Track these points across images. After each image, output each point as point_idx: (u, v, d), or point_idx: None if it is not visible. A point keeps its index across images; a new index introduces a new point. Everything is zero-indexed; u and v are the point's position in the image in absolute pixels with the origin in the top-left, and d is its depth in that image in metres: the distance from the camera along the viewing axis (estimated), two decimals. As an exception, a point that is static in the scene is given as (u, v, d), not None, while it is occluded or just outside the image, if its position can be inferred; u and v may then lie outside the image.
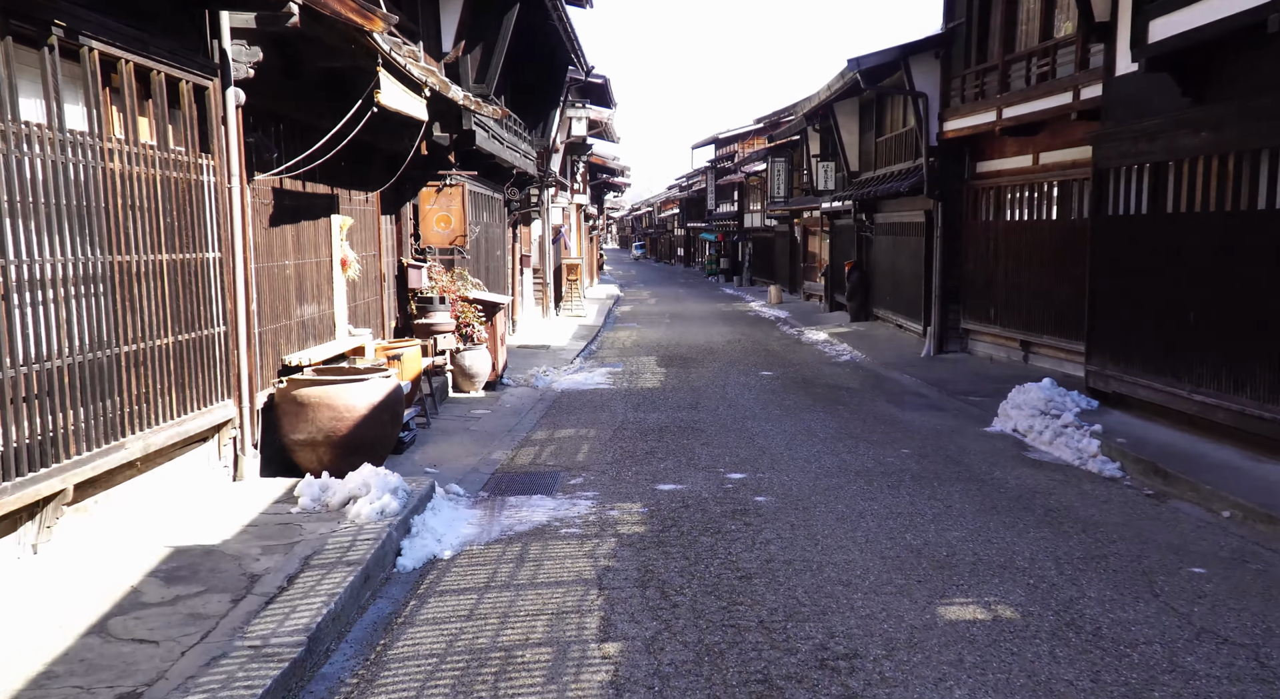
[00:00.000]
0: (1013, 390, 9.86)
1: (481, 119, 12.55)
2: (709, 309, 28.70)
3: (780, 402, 11.72)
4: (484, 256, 15.26)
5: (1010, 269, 13.99)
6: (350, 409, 6.67)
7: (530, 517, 6.46)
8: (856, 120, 21.66)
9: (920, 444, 9.01)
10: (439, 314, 11.52)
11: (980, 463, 8.17)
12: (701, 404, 11.54)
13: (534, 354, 16.15)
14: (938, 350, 15.73)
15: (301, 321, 7.67)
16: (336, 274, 8.51)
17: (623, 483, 7.50)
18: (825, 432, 9.67)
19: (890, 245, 20.15)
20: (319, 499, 5.75)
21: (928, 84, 15.14)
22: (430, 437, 9.22)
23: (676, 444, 9.03)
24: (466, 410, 10.86)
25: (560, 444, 9.09)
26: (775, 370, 14.85)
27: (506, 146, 15.04)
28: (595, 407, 11.37)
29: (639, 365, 15.46)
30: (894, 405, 11.48)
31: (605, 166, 36.29)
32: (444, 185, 11.89)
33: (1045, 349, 13.15)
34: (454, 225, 11.99)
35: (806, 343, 19.31)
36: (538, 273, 23.32)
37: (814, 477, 7.66)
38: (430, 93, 8.55)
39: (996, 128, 13.19)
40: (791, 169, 32.59)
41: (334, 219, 8.47)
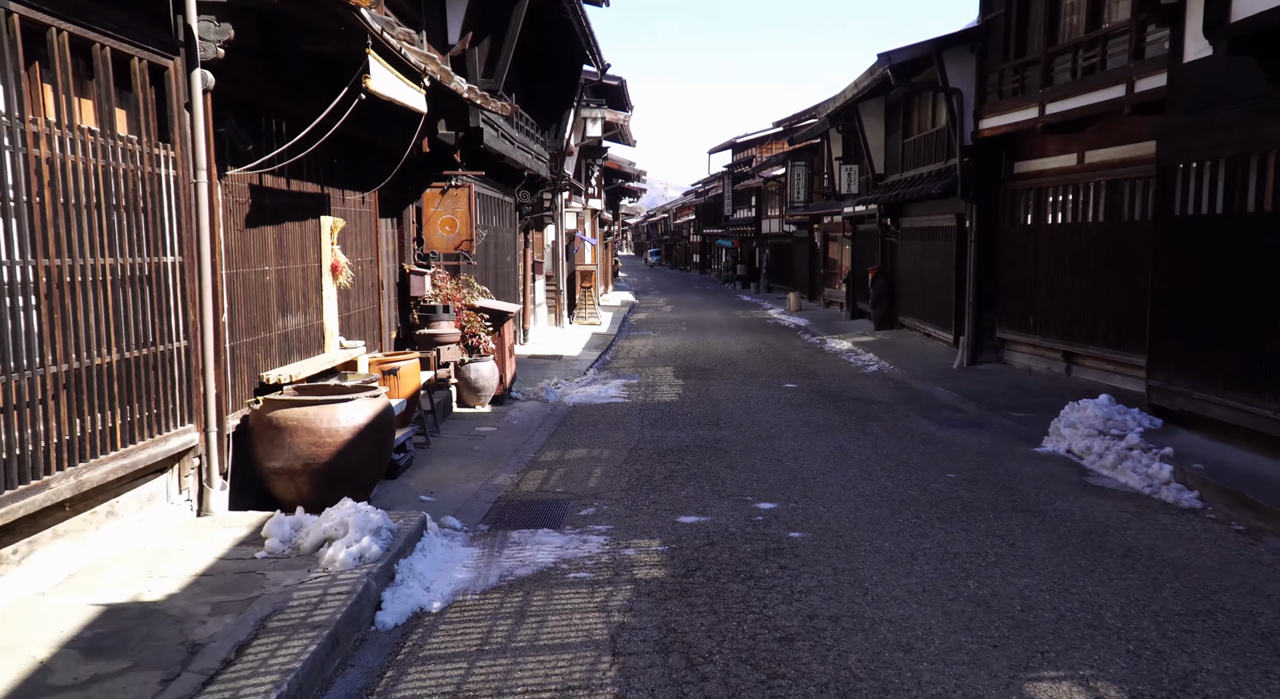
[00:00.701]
0: (1065, 407, 9.01)
1: (489, 116, 11.82)
2: (726, 317, 27.90)
3: (807, 418, 10.90)
4: (493, 263, 14.51)
5: (1051, 275, 13.12)
6: (332, 433, 5.90)
7: (534, 557, 5.67)
8: (882, 121, 20.83)
9: (966, 467, 8.18)
10: (443, 324, 10.77)
11: (1037, 490, 7.33)
12: (723, 420, 10.74)
13: (545, 365, 15.39)
14: (971, 361, 14.86)
15: (284, 334, 6.93)
16: (326, 281, 7.76)
17: (639, 514, 6.70)
18: (860, 452, 8.85)
19: (917, 250, 19.29)
20: (289, 541, 4.99)
21: (962, 80, 14.30)
22: (429, 458, 8.46)
23: (698, 467, 8.23)
24: (471, 428, 10.10)
25: (570, 467, 8.30)
26: (799, 382, 14.03)
27: (517, 147, 14.30)
28: (609, 423, 10.59)
29: (655, 377, 14.67)
30: (930, 421, 10.64)
31: (621, 171, 35.55)
32: (449, 187, 11.15)
33: (1091, 361, 12.28)
34: (459, 229, 11.24)
35: (830, 352, 18.48)
36: (550, 280, 22.58)
37: (853, 507, 6.84)
38: (430, 83, 7.80)
39: (1039, 125, 12.35)
40: (812, 173, 31.77)
41: (324, 221, 7.73)
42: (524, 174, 15.29)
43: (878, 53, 14.09)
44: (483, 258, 13.77)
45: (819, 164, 31.43)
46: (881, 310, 21.42)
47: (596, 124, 20.55)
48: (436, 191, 11.18)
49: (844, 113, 21.23)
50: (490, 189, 14.22)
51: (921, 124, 18.44)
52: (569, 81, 17.52)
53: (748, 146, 45.13)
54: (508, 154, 13.24)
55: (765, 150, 42.93)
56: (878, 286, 21.45)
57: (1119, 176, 11.54)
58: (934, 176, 16.53)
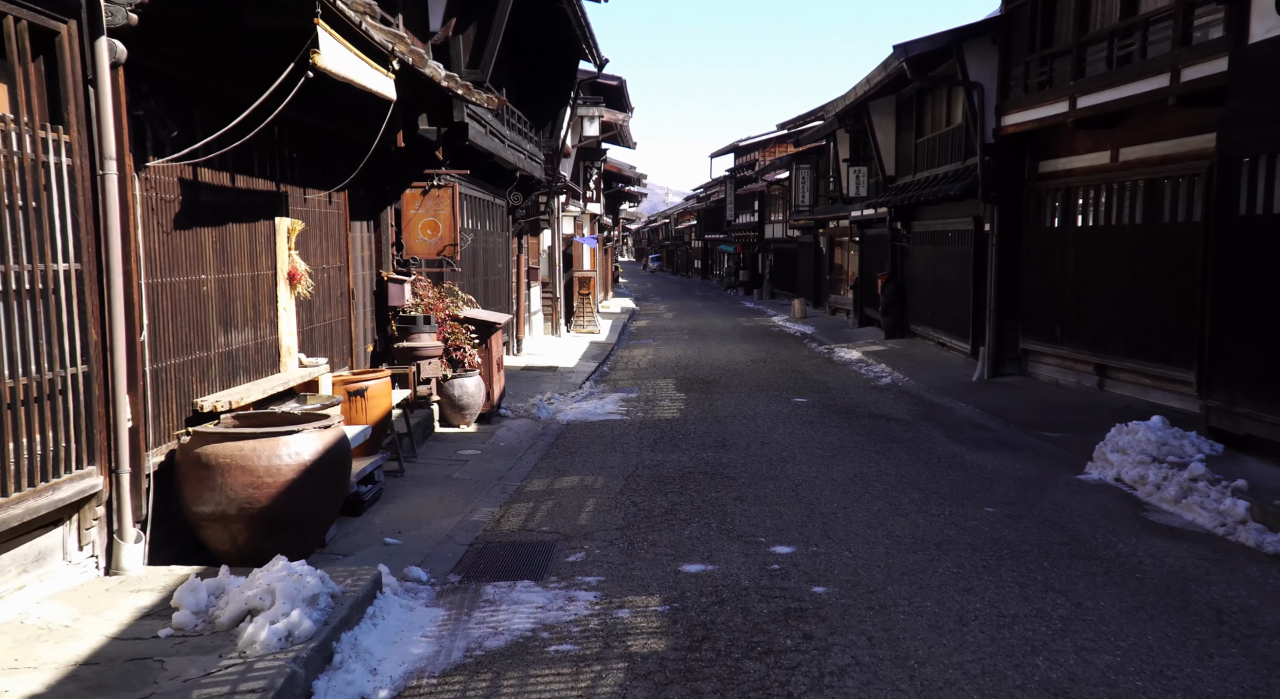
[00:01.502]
0: (1112, 430, 8.08)
1: (476, 110, 10.92)
2: (729, 324, 26.99)
3: (821, 437, 9.98)
4: (481, 269, 13.60)
5: (1082, 282, 12.20)
6: (273, 472, 4.99)
7: (510, 621, 4.75)
8: (893, 120, 19.93)
9: (1004, 498, 7.26)
10: (424, 336, 9.87)
11: (1092, 529, 6.40)
12: (729, 441, 9.82)
13: (539, 378, 14.47)
14: (992, 373, 13.93)
15: (227, 352, 6.01)
16: (282, 291, 6.85)
17: (636, 560, 5.78)
18: (883, 480, 7.93)
19: (931, 256, 18.37)
20: (205, 612, 4.07)
21: (983, 73, 13.40)
22: (402, 489, 7.54)
23: (703, 499, 7.31)
24: (453, 451, 9.18)
25: (559, 499, 7.38)
26: (809, 396, 13.11)
27: (508, 146, 13.40)
28: (605, 444, 9.67)
29: (656, 390, 13.76)
30: (956, 442, 9.72)
31: (620, 174, 34.65)
32: (431, 187, 10.25)
33: (1127, 375, 11.35)
34: (442, 233, 10.34)
35: (839, 363, 17.56)
36: (547, 287, 21.68)
37: (883, 551, 5.92)
38: (400, 66, 6.90)
39: (1069, 120, 11.44)
40: (817, 176, 30.88)
41: (280, 223, 6.83)
42: (516, 175, 14.39)
43: (893, 44, 13.21)
44: (469, 264, 12.86)
45: (824, 167, 30.55)
46: (892, 318, 20.50)
47: (594, 123, 19.64)
48: (417, 192, 10.28)
49: (853, 112, 20.34)
50: (479, 190, 13.33)
51: (935, 122, 17.54)
52: (564, 78, 16.63)
53: (750, 150, 44.25)
54: (497, 152, 12.34)
55: (768, 154, 42.04)
56: (888, 293, 20.53)
57: (1159, 174, 10.63)
58: (951, 177, 15.62)
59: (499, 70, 14.09)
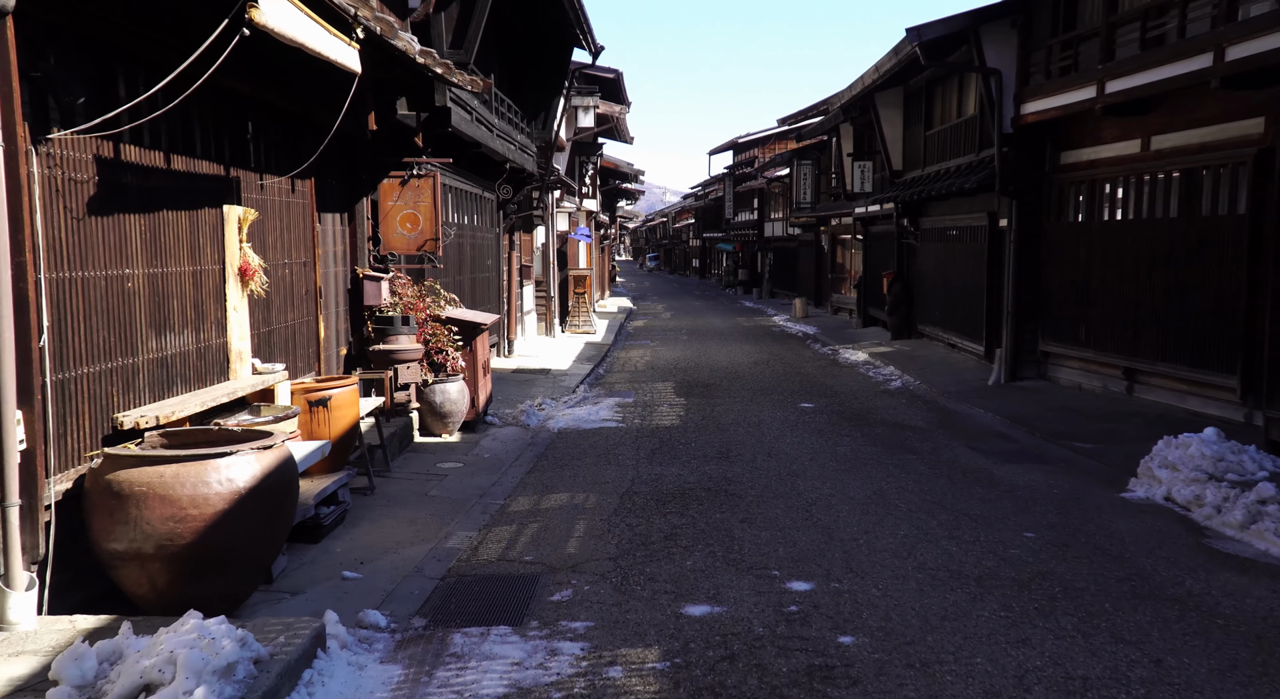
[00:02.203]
0: (1159, 443, 7.30)
1: (459, 95, 10.12)
2: (729, 324, 26.21)
3: (833, 448, 9.20)
4: (468, 266, 12.81)
5: (1108, 280, 11.42)
6: (199, 502, 4.19)
7: (479, 684, 3.95)
8: (901, 112, 19.15)
9: (1044, 521, 6.48)
10: (402, 338, 9.07)
11: (1152, 560, 5.62)
12: (734, 452, 9.04)
13: (530, 381, 13.68)
14: (1010, 377, 13.16)
15: (160, 359, 5.21)
16: (231, 289, 6.05)
17: (631, 599, 4.99)
18: (906, 499, 7.14)
19: (940, 253, 17.60)
20: (90, 685, 3.27)
21: (1002, 59, 12.62)
22: (370, 509, 6.74)
23: (707, 522, 6.52)
24: (432, 464, 8.39)
25: (546, 521, 6.59)
26: (816, 401, 12.33)
27: (497, 135, 12.60)
28: (598, 455, 8.88)
29: (654, 394, 12.97)
30: (979, 453, 8.94)
31: (617, 170, 33.85)
32: (410, 176, 9.44)
33: (1159, 379, 10.57)
34: (423, 226, 9.53)
35: (845, 364, 16.78)
36: (540, 285, 20.89)
37: (916, 588, 5.13)
38: (365, 34, 6.10)
39: (1097, 106, 10.65)
40: (819, 173, 30.10)
41: (229, 212, 6.03)
42: (505, 167, 13.59)
43: (906, 28, 12.43)
44: (455, 260, 12.07)
45: (826, 163, 29.77)
46: (899, 318, 19.73)
47: (589, 114, 18.83)
48: (395, 183, 9.48)
49: (859, 104, 19.55)
50: (465, 182, 12.53)
51: (946, 114, 16.76)
52: (557, 66, 15.83)
53: (750, 147, 43.47)
54: (484, 142, 11.54)
55: (768, 150, 41.27)
56: (895, 292, 19.76)
57: (1197, 164, 9.85)
58: (964, 171, 14.84)
59: (486, 55, 13.29)
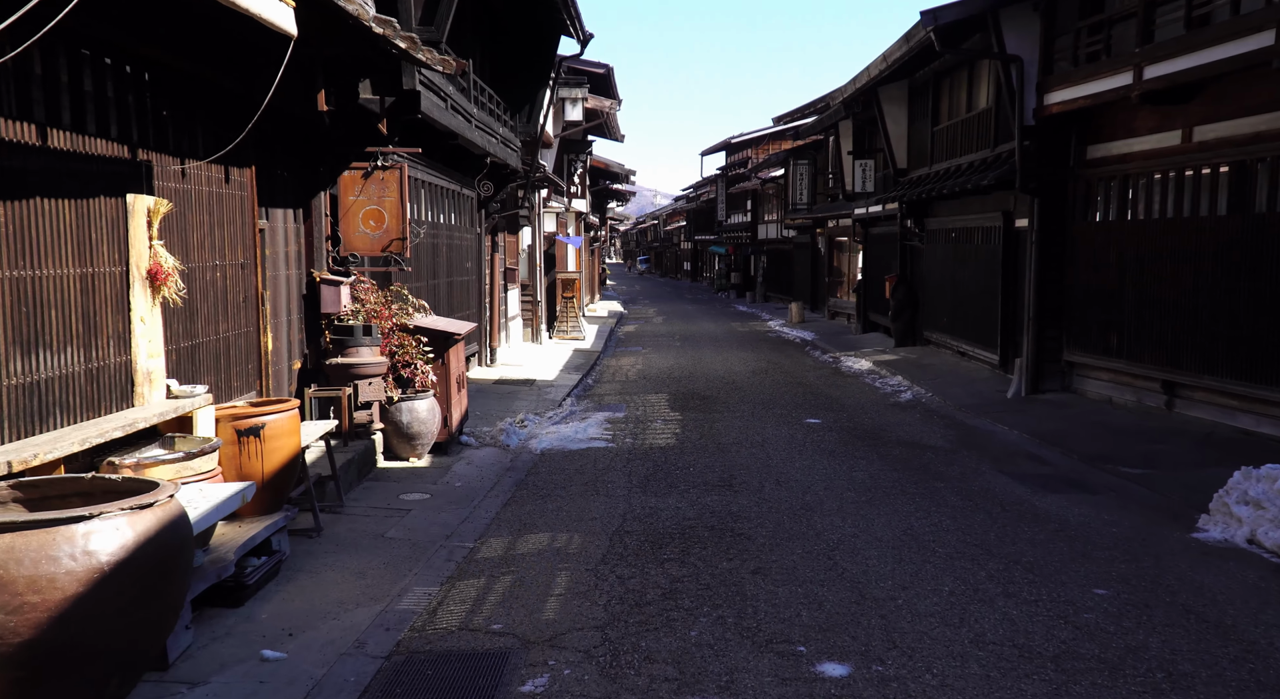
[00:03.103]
0: (1236, 475, 6.31)
1: (431, 78, 9.10)
2: (723, 329, 25.21)
3: (848, 473, 8.20)
4: (444, 269, 11.76)
5: (1144, 284, 10.46)
6: (42, 586, 3.15)
7: None
8: (905, 107, 18.19)
9: (1113, 572, 5.48)
10: (364, 350, 8.04)
11: (1262, 630, 4.62)
12: (737, 478, 8.03)
13: (512, 393, 12.63)
14: (1031, 389, 12.18)
15: (29, 383, 4.17)
16: (138, 295, 5.01)
17: (624, 691, 3.97)
18: (942, 540, 6.14)
19: (949, 255, 16.64)
20: None
21: (1022, 45, 11.65)
22: (313, 557, 5.70)
23: (711, 573, 5.50)
24: (394, 495, 7.34)
25: (522, 572, 5.56)
26: (823, 416, 11.33)
27: (476, 126, 11.57)
28: (585, 483, 7.85)
29: (647, 408, 11.95)
30: (1013, 479, 7.95)
31: (608, 170, 32.83)
32: (374, 168, 8.41)
33: (1204, 394, 9.60)
34: (388, 224, 8.50)
35: (849, 373, 15.79)
36: (526, 289, 19.85)
37: (981, 675, 4.12)
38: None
39: (1133, 94, 9.69)
40: (815, 173, 29.14)
41: (135, 202, 4.99)
42: (486, 161, 12.56)
43: (920, 10, 11.45)
44: (428, 263, 11.02)
45: (823, 163, 28.83)
46: (903, 324, 18.76)
47: (577, 107, 17.81)
48: (358, 175, 8.45)
49: (862, 98, 18.58)
50: (440, 177, 11.49)
51: (954, 108, 15.79)
52: (543, 56, 14.81)
53: (743, 147, 42.51)
54: (461, 132, 10.51)
55: (762, 151, 40.30)
56: (899, 297, 18.79)
57: (1249, 156, 8.89)
58: (977, 167, 13.87)
59: (465, 40, 12.26)
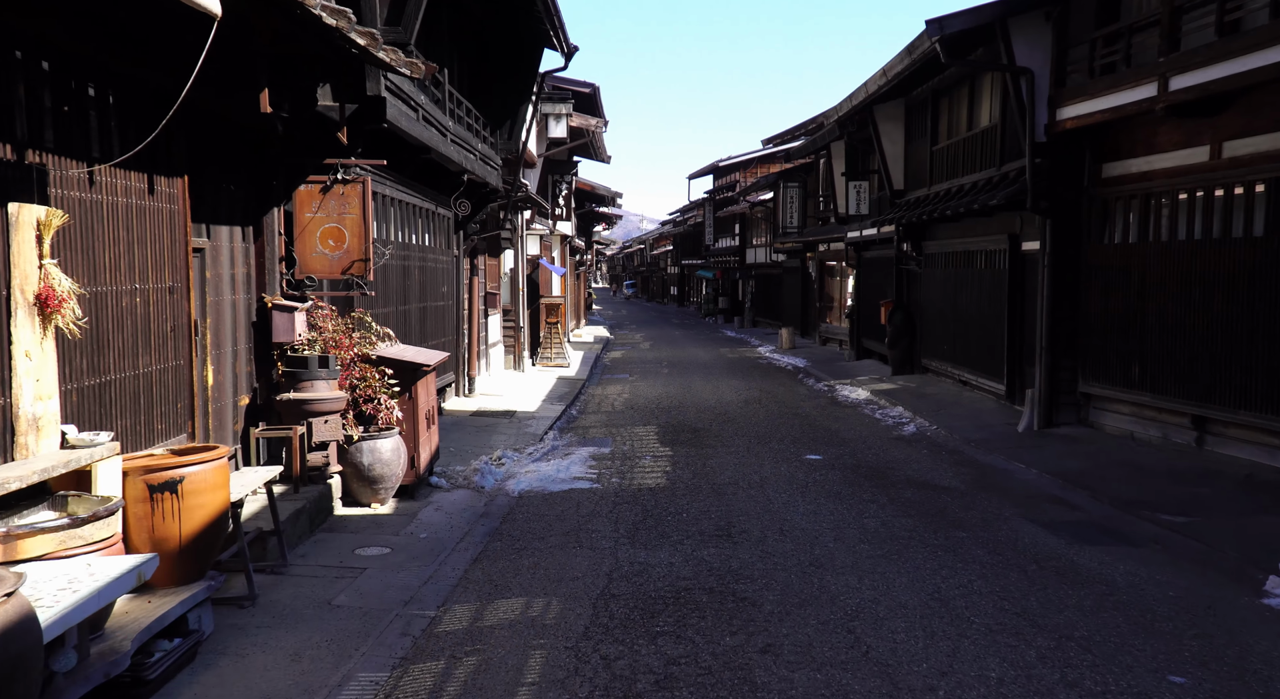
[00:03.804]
0: (1309, 531, 5.53)
1: (398, 84, 8.33)
2: (712, 355, 24.43)
3: (858, 520, 7.38)
4: (415, 293, 10.93)
5: (1170, 311, 9.73)
6: None
7: None
8: (902, 126, 17.55)
9: (1185, 651, 4.67)
10: (320, 384, 7.20)
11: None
12: (736, 526, 7.20)
13: (490, 427, 11.77)
14: (1044, 422, 11.41)
15: None
16: (24, 325, 4.16)
17: None
18: (978, 609, 5.32)
19: (949, 279, 15.92)
20: None
21: (1033, 57, 10.99)
22: (242, 634, 4.81)
23: (713, 653, 4.65)
24: (349, 550, 6.47)
25: (489, 651, 4.69)
26: (823, 452, 10.52)
27: (452, 141, 10.79)
28: (567, 532, 7.00)
29: (635, 443, 11.11)
30: (1043, 528, 7.14)
31: (594, 193, 32.13)
32: (334, 181, 7.59)
33: (1240, 431, 8.84)
34: (349, 244, 7.67)
35: (846, 404, 14.99)
36: (509, 315, 19.03)
37: (1054, 798, 3.29)
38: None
39: (1158, 106, 9.00)
40: (806, 195, 28.50)
41: (20, 213, 4.15)
42: (464, 179, 11.77)
43: (926, 19, 10.78)
44: (397, 287, 10.18)
45: (814, 185, 28.24)
46: (900, 351, 18.01)
47: (561, 123, 17.06)
48: (316, 189, 7.63)
49: (857, 117, 17.94)
50: (411, 194, 10.68)
51: (954, 127, 15.14)
52: (525, 68, 14.07)
53: (731, 170, 41.92)
54: (435, 146, 9.72)
55: (750, 174, 39.73)
56: (895, 323, 18.06)
57: (1290, 173, 8.20)
58: (982, 188, 13.17)
59: (442, 48, 11.51)
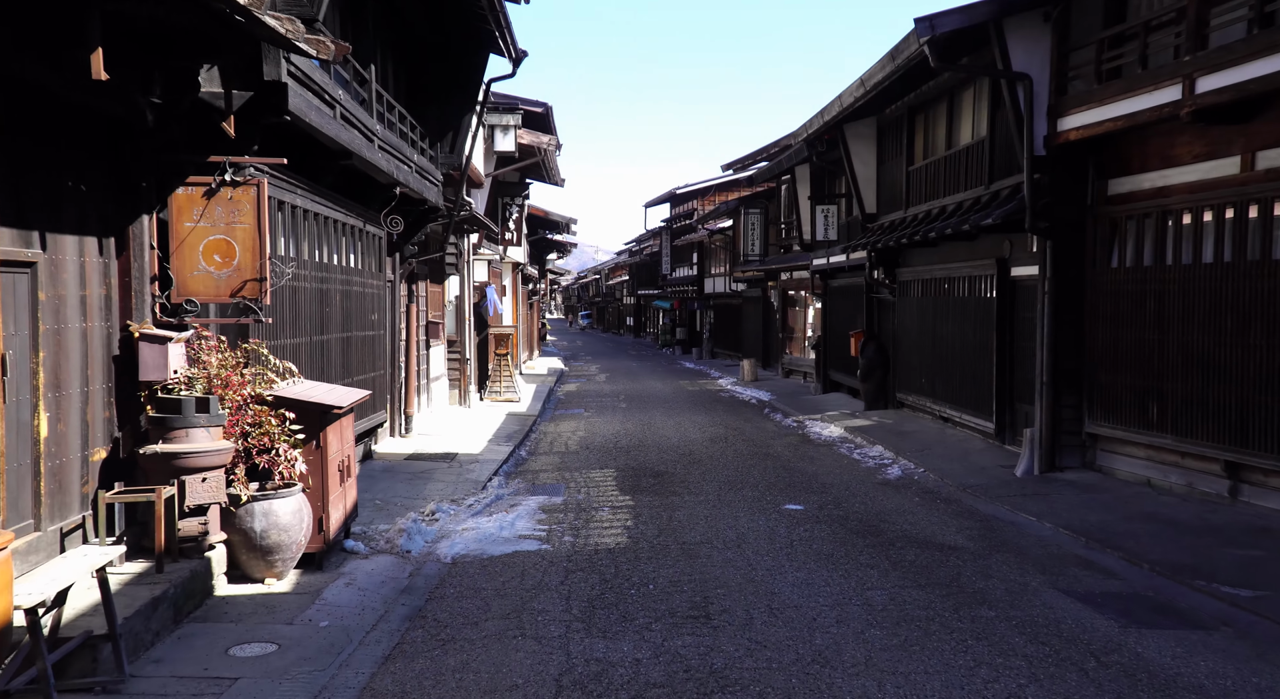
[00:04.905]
0: None
1: (303, 72, 6.98)
2: (671, 388, 23.16)
3: (861, 593, 6.10)
4: (335, 322, 9.49)
5: (1195, 343, 8.66)
6: None
7: None
8: (874, 147, 16.55)
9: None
10: (199, 433, 5.77)
11: None
12: (714, 602, 5.88)
13: (426, 473, 10.32)
14: (1047, 466, 10.26)
15: None
16: None
17: None
18: (1041, 730, 4.04)
19: (927, 309, 14.86)
20: None
21: (1031, 62, 9.96)
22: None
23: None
24: (222, 648, 5.01)
25: None
26: (804, 500, 9.27)
27: (380, 147, 9.43)
28: (507, 616, 5.61)
29: (590, 490, 9.75)
30: (1083, 603, 5.92)
31: (547, 219, 30.85)
32: (220, 184, 6.20)
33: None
34: (240, 260, 6.27)
35: (820, 442, 13.77)
36: (454, 345, 17.60)
37: None
38: None
39: (1183, 111, 7.96)
40: (768, 223, 27.51)
41: None
42: (396, 192, 10.39)
43: (915, 18, 9.70)
44: (313, 313, 8.74)
45: (775, 212, 27.25)
46: (874, 384, 16.89)
47: (509, 135, 15.75)
48: (198, 193, 6.23)
49: (825, 136, 16.92)
50: (332, 208, 9.28)
51: (932, 145, 14.15)
52: (468, 75, 12.79)
53: (689, 198, 40.95)
54: (358, 151, 8.36)
55: (709, 202, 38.78)
56: (868, 355, 16.95)
57: (1343, 184, 7.17)
58: (968, 209, 12.12)
59: (370, 46, 10.17)
